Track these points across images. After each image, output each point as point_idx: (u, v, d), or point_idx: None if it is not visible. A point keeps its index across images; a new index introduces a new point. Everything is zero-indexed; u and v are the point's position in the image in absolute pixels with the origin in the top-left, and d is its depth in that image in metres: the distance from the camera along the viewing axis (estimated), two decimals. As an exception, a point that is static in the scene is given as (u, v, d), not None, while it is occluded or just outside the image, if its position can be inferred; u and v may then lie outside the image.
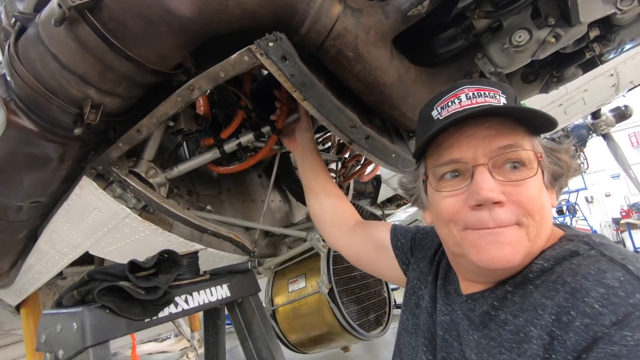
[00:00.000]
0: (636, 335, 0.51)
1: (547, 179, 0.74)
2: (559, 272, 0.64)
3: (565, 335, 0.57)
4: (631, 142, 16.07)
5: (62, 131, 1.23)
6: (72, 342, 0.91)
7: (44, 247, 1.89)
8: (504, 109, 0.70)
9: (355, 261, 1.27)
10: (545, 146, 0.75)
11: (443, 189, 0.75)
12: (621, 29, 1.08)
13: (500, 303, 0.70)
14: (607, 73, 4.01)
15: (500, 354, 0.65)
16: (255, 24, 1.06)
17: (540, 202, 0.69)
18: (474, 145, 0.70)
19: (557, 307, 0.60)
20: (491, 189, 0.66)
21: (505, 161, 0.69)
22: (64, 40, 1.00)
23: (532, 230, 0.68)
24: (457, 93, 0.74)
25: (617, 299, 0.55)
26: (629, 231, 12.23)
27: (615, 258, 0.62)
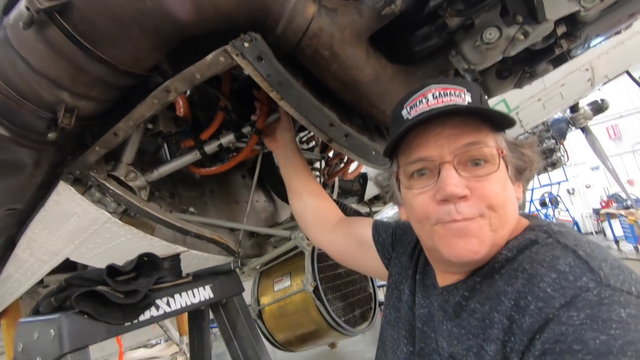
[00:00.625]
0: (581, 314, 0.54)
1: (511, 172, 0.77)
2: (520, 261, 0.68)
3: (522, 318, 0.60)
4: (609, 134, 16.56)
5: (36, 136, 1.20)
6: (50, 349, 0.90)
7: (23, 255, 1.85)
8: (467, 108, 0.74)
9: (339, 258, 1.30)
10: (508, 141, 0.79)
11: (413, 186, 0.78)
12: (586, 25, 1.11)
13: (470, 293, 0.73)
14: (582, 68, 4.13)
15: (468, 340, 0.68)
16: (231, 24, 1.05)
17: (503, 195, 0.72)
18: (440, 143, 0.74)
19: (516, 292, 0.63)
20: (456, 184, 0.70)
21: (469, 158, 0.73)
22: (34, 43, 0.98)
23: (495, 222, 0.71)
24: (425, 92, 0.77)
25: (566, 283, 0.59)
26: (609, 221, 12.60)
27: (568, 245, 0.65)
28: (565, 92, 4.41)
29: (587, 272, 0.59)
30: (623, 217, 11.42)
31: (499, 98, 4.50)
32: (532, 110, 4.60)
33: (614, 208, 12.71)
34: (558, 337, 0.54)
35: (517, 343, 0.60)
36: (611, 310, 0.53)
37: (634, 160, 16.32)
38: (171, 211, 1.69)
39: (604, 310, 0.53)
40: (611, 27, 1.17)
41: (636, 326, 0.51)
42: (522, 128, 4.86)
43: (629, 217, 10.79)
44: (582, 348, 0.51)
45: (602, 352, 0.49)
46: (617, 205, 12.85)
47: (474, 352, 0.66)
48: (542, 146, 7.38)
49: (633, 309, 0.53)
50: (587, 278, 0.58)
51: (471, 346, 0.67)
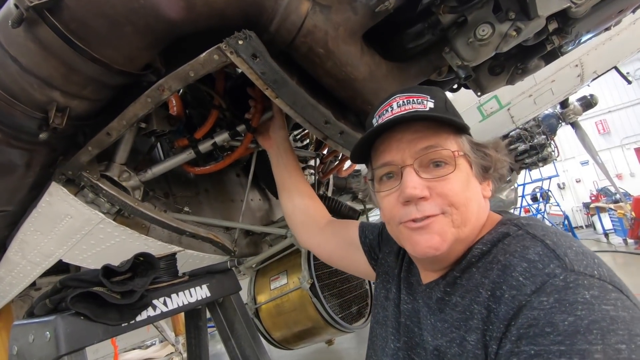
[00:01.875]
0: (550, 299, 0.58)
1: (476, 172, 0.82)
2: (494, 253, 0.72)
3: (498, 307, 0.64)
4: (598, 129, 16.83)
5: (27, 136, 1.18)
6: (46, 351, 0.89)
7: (14, 257, 1.82)
8: (423, 115, 0.79)
9: (327, 259, 1.34)
10: (472, 143, 0.84)
11: (381, 189, 0.84)
12: (577, 21, 1.12)
13: (451, 288, 0.77)
14: (572, 64, 4.18)
15: (451, 333, 0.72)
16: (224, 22, 1.05)
17: (464, 194, 0.77)
18: (402, 148, 0.79)
19: (492, 283, 0.68)
20: (415, 186, 0.75)
21: (429, 160, 0.78)
22: (24, 42, 0.97)
23: (457, 218, 0.76)
24: (390, 102, 0.83)
25: (536, 271, 0.63)
26: (598, 214, 12.80)
27: (537, 235, 0.70)
28: (555, 88, 4.46)
29: (554, 260, 0.63)
30: (612, 211, 11.61)
31: (491, 94, 4.54)
32: (523, 106, 4.65)
33: (604, 202, 12.92)
34: (531, 322, 0.58)
35: (494, 331, 0.63)
36: (577, 293, 0.57)
37: (622, 155, 16.60)
38: (166, 211, 1.68)
39: (570, 293, 0.57)
40: (601, 23, 1.19)
41: (599, 306, 0.55)
42: (514, 124, 4.91)
43: (618, 210, 10.97)
44: (552, 330, 0.55)
45: (570, 332, 0.54)
46: (607, 199, 13.06)
47: (457, 343, 0.70)
48: (533, 141, 7.46)
49: (596, 290, 0.57)
50: (554, 265, 0.62)
51: (454, 338, 0.71)
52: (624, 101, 16.56)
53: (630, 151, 16.52)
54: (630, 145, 16.51)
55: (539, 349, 0.55)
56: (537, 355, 0.55)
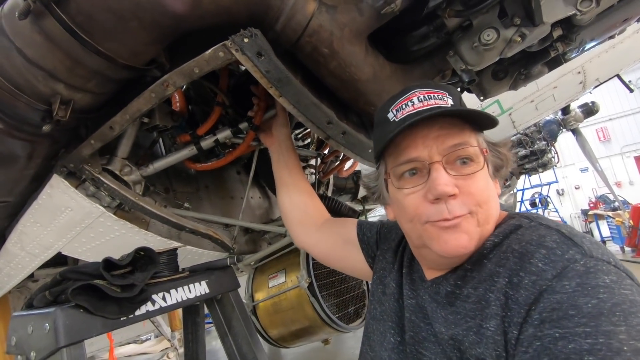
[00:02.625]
0: (572, 283, 0.60)
1: (491, 170, 0.82)
2: (507, 244, 0.73)
3: (517, 293, 0.65)
4: (598, 136, 16.85)
5: (30, 128, 1.19)
6: (45, 343, 0.89)
7: (13, 248, 1.82)
8: (454, 110, 0.78)
9: (323, 258, 1.31)
10: (487, 141, 0.84)
11: (404, 186, 0.81)
12: (582, 29, 1.13)
13: (462, 281, 0.77)
14: (574, 71, 4.18)
15: (466, 323, 0.71)
16: (230, 19, 1.05)
17: (487, 192, 0.78)
18: (429, 144, 0.77)
19: (508, 271, 0.68)
20: (446, 183, 0.74)
21: (456, 158, 0.77)
22: (30, 34, 0.97)
23: (482, 217, 0.76)
24: (410, 96, 0.80)
25: (555, 257, 0.64)
26: (597, 222, 12.82)
27: (551, 225, 0.72)
28: (557, 94, 4.47)
29: (573, 247, 0.65)
30: (610, 219, 11.62)
31: (493, 99, 4.54)
32: (524, 112, 4.65)
33: (602, 209, 12.93)
34: (554, 305, 0.59)
35: (514, 316, 0.63)
36: (597, 277, 0.59)
37: (622, 163, 16.63)
38: (166, 206, 1.69)
39: (592, 277, 0.59)
40: (606, 31, 1.19)
41: (619, 290, 0.57)
42: (515, 129, 4.92)
43: (616, 218, 10.98)
44: (577, 312, 0.56)
45: (595, 314, 0.55)
46: (605, 206, 13.07)
47: (474, 331, 0.69)
48: (534, 147, 7.47)
49: (614, 275, 0.59)
50: (574, 251, 0.64)
51: (470, 327, 0.70)
52: (625, 109, 16.58)
53: (630, 159, 16.54)
54: (630, 153, 16.53)
55: (563, 332, 0.56)
56: (563, 337, 0.55)
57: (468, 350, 0.69)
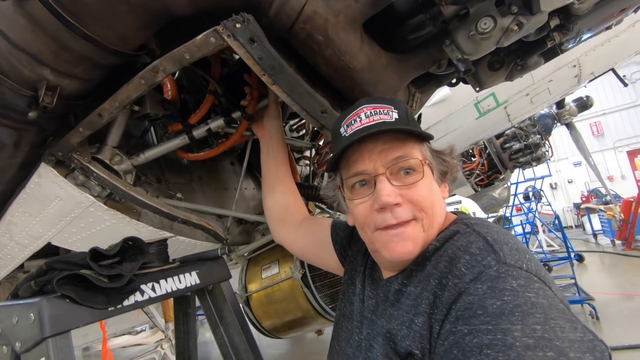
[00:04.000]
0: (484, 286, 0.67)
1: (437, 176, 0.91)
2: (445, 248, 0.81)
3: (443, 293, 0.73)
4: (592, 131, 16.99)
5: (16, 115, 1.15)
6: (30, 333, 0.87)
7: (1, 239, 1.79)
8: (393, 128, 0.85)
9: (300, 255, 1.42)
10: (432, 150, 0.92)
11: (355, 197, 0.89)
12: (579, 18, 1.12)
13: (407, 280, 0.85)
14: (570, 64, 4.19)
15: (402, 317, 0.80)
16: (223, 5, 1.02)
17: (430, 198, 0.85)
18: (374, 158, 0.86)
19: (439, 273, 0.76)
20: (389, 194, 0.82)
21: (399, 169, 0.85)
22: (13, 16, 0.93)
23: (426, 223, 0.84)
24: (358, 112, 0.88)
25: (475, 262, 0.72)
26: (588, 215, 12.98)
27: (481, 232, 0.79)
28: (552, 87, 4.48)
29: (491, 253, 0.72)
30: (602, 212, 11.77)
31: (489, 91, 4.54)
32: (520, 105, 4.67)
33: (594, 203, 13.09)
34: (467, 305, 0.66)
35: (438, 314, 0.72)
36: (506, 282, 0.66)
37: (614, 157, 16.80)
38: (158, 196, 1.66)
39: (500, 282, 0.66)
40: (603, 21, 1.18)
41: (523, 293, 0.64)
42: (510, 122, 4.93)
43: (608, 212, 11.13)
44: (483, 312, 0.63)
45: (497, 314, 0.62)
46: (597, 200, 13.24)
47: (406, 325, 0.78)
48: (528, 141, 7.50)
49: (522, 280, 0.66)
50: (490, 258, 0.71)
51: (404, 321, 0.79)
52: (619, 104, 16.70)
53: (622, 154, 16.72)
54: (623, 148, 16.70)
55: (471, 328, 0.63)
56: (469, 333, 0.63)
57: (399, 343, 0.77)
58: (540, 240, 10.80)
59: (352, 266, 1.10)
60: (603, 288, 7.45)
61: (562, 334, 0.58)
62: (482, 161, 7.90)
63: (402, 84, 1.36)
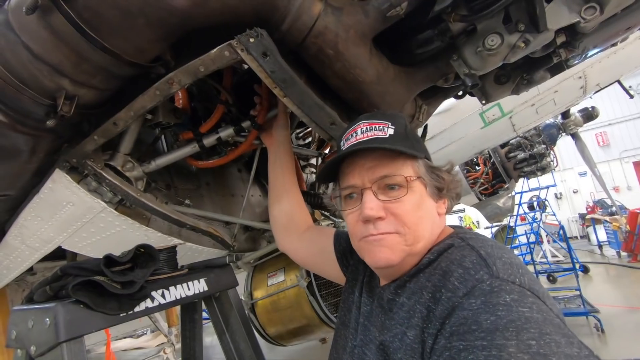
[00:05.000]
0: (478, 301, 0.67)
1: (430, 192, 0.92)
2: (439, 261, 0.82)
3: (437, 307, 0.73)
4: (597, 141, 16.88)
5: (34, 122, 1.19)
6: (45, 337, 0.89)
7: (13, 242, 1.82)
8: (380, 147, 0.88)
9: (302, 264, 1.44)
10: (428, 166, 0.93)
11: (346, 208, 0.94)
12: (585, 36, 1.14)
13: (401, 290, 0.86)
14: (575, 75, 4.19)
15: (395, 329, 0.81)
16: (236, 19, 1.05)
17: (415, 214, 0.87)
18: (363, 174, 0.90)
19: (433, 286, 0.77)
20: (372, 207, 0.86)
21: (385, 185, 0.88)
22: (36, 29, 0.97)
23: (410, 237, 0.85)
24: (355, 128, 0.92)
25: (468, 276, 0.72)
26: (594, 226, 12.86)
27: (475, 246, 0.80)
28: (558, 98, 4.48)
29: (484, 267, 0.73)
30: (607, 223, 11.66)
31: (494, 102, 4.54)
32: (525, 115, 4.67)
33: (599, 214, 12.97)
34: (461, 321, 0.66)
35: (432, 328, 0.72)
36: (499, 296, 0.66)
37: (620, 168, 16.67)
38: (167, 203, 1.69)
39: (494, 296, 0.66)
40: (609, 39, 1.20)
41: (517, 308, 0.64)
42: (515, 132, 4.93)
43: (613, 223, 11.03)
44: (477, 327, 0.63)
45: (491, 330, 0.62)
46: (602, 211, 13.11)
47: (398, 338, 0.78)
48: (533, 150, 7.48)
49: (515, 295, 0.66)
50: (483, 272, 0.72)
51: (397, 333, 0.79)
52: (625, 115, 16.62)
53: (628, 165, 16.59)
54: (629, 158, 16.57)
55: (466, 344, 0.63)
56: (465, 349, 0.63)
57: (391, 355, 0.78)
58: (545, 250, 10.70)
59: (353, 275, 1.12)
60: (608, 300, 7.36)
61: (557, 349, 0.58)
62: (487, 170, 7.88)
63: (409, 97, 1.39)
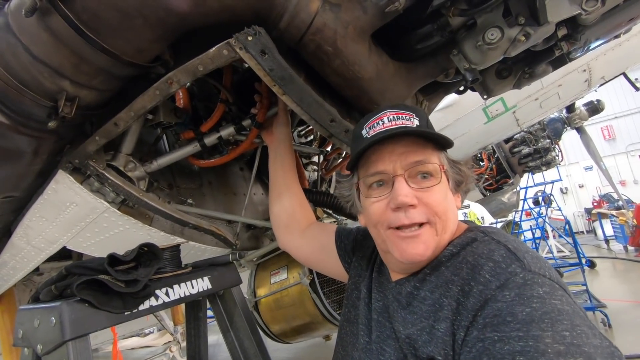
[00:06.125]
0: (512, 293, 0.68)
1: (452, 185, 0.93)
2: (463, 255, 0.82)
3: (467, 300, 0.73)
4: (603, 135, 16.72)
5: (36, 124, 1.20)
6: (51, 336, 0.91)
7: (19, 242, 1.84)
8: (417, 131, 0.88)
9: (304, 262, 1.44)
10: (449, 159, 0.94)
11: (371, 195, 0.91)
12: (587, 28, 1.12)
13: (420, 284, 0.86)
14: (580, 69, 4.15)
15: (421, 323, 0.80)
16: (234, 17, 1.05)
17: (444, 204, 0.87)
18: (394, 159, 0.88)
19: (461, 280, 0.77)
20: (406, 194, 0.84)
21: (417, 172, 0.88)
22: (36, 31, 0.98)
23: (440, 227, 0.86)
24: (381, 116, 0.91)
25: (500, 270, 0.73)
26: (600, 220, 12.76)
27: (500, 241, 0.81)
28: (562, 92, 4.44)
29: (515, 261, 0.74)
30: (614, 217, 11.56)
31: (497, 97, 4.51)
32: (529, 110, 4.63)
33: (606, 208, 12.86)
34: (496, 312, 0.67)
35: (463, 320, 0.72)
36: (533, 289, 0.68)
37: (627, 162, 16.50)
38: (169, 202, 1.70)
39: (528, 289, 0.68)
40: (611, 30, 1.19)
41: (550, 300, 0.66)
42: (519, 127, 4.89)
43: (620, 217, 10.93)
44: (513, 319, 0.65)
45: (527, 321, 0.63)
46: (609, 205, 13.00)
47: (426, 331, 0.78)
48: (538, 145, 7.43)
49: (547, 287, 0.68)
50: (515, 265, 0.73)
51: (424, 327, 0.79)
52: (631, 107, 16.43)
53: (635, 158, 16.41)
54: (635, 152, 16.40)
55: (501, 335, 0.64)
56: (500, 340, 0.64)
57: (421, 349, 0.77)
58: (551, 245, 10.64)
59: (357, 272, 1.12)
60: (615, 295, 7.31)
61: (587, 340, 0.60)
62: (491, 165, 7.84)
63: (410, 92, 1.38)
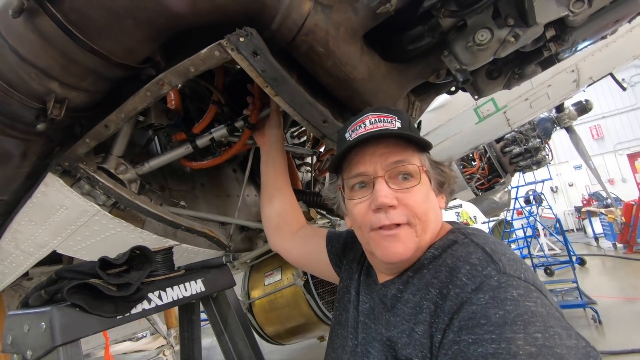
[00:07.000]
0: (486, 296, 0.69)
1: (434, 186, 0.93)
2: (443, 257, 0.83)
3: (444, 303, 0.74)
4: (592, 134, 16.98)
5: (24, 126, 1.18)
6: (41, 341, 0.89)
7: (7, 247, 1.81)
8: (396, 133, 0.89)
9: (295, 264, 1.45)
10: (431, 160, 0.95)
11: (354, 197, 0.92)
12: (574, 29, 1.14)
13: (404, 286, 0.87)
14: (568, 69, 4.21)
15: (402, 325, 0.81)
16: (226, 18, 1.05)
17: (425, 205, 0.88)
18: (375, 161, 0.89)
19: (440, 283, 0.78)
20: (386, 195, 0.85)
21: (398, 173, 0.88)
22: (23, 32, 0.96)
23: (420, 228, 0.86)
24: (363, 119, 0.92)
25: (476, 273, 0.74)
26: (589, 218, 12.95)
27: (479, 243, 0.81)
28: (551, 92, 4.50)
29: (491, 263, 0.74)
30: (603, 215, 11.75)
31: (488, 97, 4.56)
32: (519, 110, 4.68)
33: (595, 206, 13.06)
34: (470, 315, 0.68)
35: (440, 323, 0.73)
36: (507, 291, 0.68)
37: (615, 160, 16.78)
38: (162, 204, 1.68)
39: (502, 292, 0.68)
40: (598, 31, 1.21)
41: (523, 302, 0.66)
42: (510, 127, 4.94)
43: (609, 215, 11.11)
44: (486, 322, 0.65)
45: (500, 323, 0.64)
46: (598, 203, 13.21)
47: (406, 334, 0.79)
48: (528, 145, 7.52)
49: (522, 290, 0.68)
50: (491, 268, 0.73)
51: (404, 329, 0.80)
52: (619, 107, 16.72)
53: (622, 157, 16.70)
54: (623, 151, 16.68)
55: (475, 338, 0.65)
56: (474, 342, 0.65)
57: (400, 351, 0.79)
58: (542, 243, 10.77)
59: (347, 274, 1.12)
60: (605, 292, 7.42)
61: (560, 342, 0.61)
62: (483, 165, 7.91)
63: (401, 93, 1.39)
